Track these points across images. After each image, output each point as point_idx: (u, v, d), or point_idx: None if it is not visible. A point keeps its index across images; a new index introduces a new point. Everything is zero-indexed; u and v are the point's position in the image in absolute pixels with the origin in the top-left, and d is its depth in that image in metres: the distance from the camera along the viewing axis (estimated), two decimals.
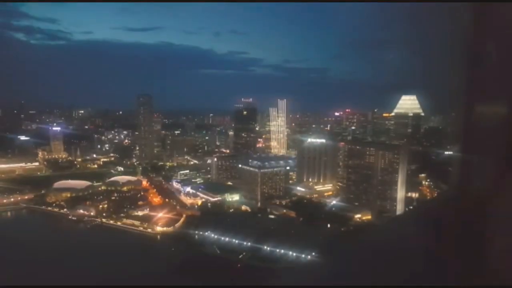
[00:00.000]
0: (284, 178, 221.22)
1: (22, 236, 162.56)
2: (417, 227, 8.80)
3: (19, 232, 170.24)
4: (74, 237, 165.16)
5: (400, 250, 7.33)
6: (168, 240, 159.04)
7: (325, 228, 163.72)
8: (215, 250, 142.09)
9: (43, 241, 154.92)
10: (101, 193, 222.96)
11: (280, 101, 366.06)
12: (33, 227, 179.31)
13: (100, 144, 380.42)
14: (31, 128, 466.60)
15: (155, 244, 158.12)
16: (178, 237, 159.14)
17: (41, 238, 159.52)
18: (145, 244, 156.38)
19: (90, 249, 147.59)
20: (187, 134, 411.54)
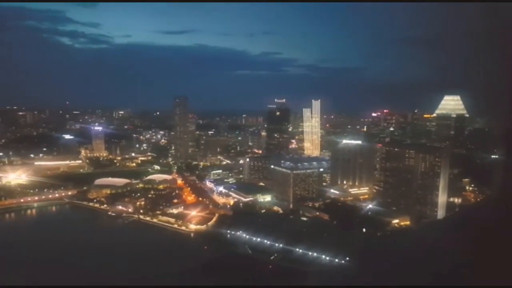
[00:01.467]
0: (317, 180, 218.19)
1: (65, 230, 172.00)
2: (457, 233, 8.19)
3: (62, 226, 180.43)
4: (113, 232, 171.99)
5: (437, 255, 6.84)
6: (201, 238, 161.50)
7: (360, 232, 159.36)
8: (247, 250, 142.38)
9: (84, 235, 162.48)
10: (139, 190, 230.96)
11: (314, 101, 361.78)
12: (75, 221, 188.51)
13: (138, 144, 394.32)
14: (74, 127, 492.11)
15: (188, 241, 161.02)
16: (211, 236, 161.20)
17: (82, 232, 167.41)
18: (179, 241, 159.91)
19: (127, 244, 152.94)
20: (220, 135, 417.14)
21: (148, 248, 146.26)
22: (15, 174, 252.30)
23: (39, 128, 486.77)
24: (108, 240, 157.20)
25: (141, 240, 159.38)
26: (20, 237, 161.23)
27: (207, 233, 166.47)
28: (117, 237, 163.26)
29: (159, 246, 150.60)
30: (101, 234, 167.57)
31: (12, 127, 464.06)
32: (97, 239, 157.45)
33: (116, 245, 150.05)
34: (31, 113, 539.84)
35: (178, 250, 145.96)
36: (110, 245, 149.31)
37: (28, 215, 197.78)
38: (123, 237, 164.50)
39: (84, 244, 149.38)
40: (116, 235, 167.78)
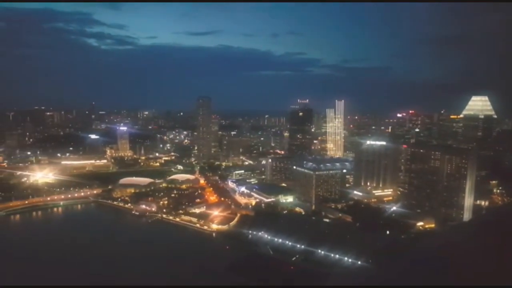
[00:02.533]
0: (340, 181, 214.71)
1: (89, 228, 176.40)
2: (484, 236, 7.07)
3: (87, 224, 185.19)
4: (137, 231, 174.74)
5: (462, 259, 5.80)
6: (223, 238, 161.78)
7: (384, 234, 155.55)
8: (269, 251, 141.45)
9: (108, 234, 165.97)
10: (162, 190, 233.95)
11: (337, 102, 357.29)
12: (100, 220, 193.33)
13: (162, 144, 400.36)
14: (100, 127, 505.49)
15: (210, 241, 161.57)
16: (233, 236, 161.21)
17: (106, 231, 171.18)
18: (201, 241, 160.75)
19: (150, 242, 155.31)
20: (242, 135, 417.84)
21: (170, 247, 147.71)
22: (42, 173, 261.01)
23: (66, 128, 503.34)
24: (131, 238, 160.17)
25: (164, 239, 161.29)
26: (46, 234, 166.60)
27: (229, 233, 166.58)
28: (141, 236, 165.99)
29: (182, 245, 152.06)
30: (125, 232, 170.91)
31: (40, 127, 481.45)
32: (121, 237, 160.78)
33: (139, 243, 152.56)
34: (58, 113, 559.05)
35: (200, 250, 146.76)
36: (133, 244, 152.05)
37: (55, 213, 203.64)
38: (146, 235, 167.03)
39: (108, 242, 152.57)
40: (139, 233, 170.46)
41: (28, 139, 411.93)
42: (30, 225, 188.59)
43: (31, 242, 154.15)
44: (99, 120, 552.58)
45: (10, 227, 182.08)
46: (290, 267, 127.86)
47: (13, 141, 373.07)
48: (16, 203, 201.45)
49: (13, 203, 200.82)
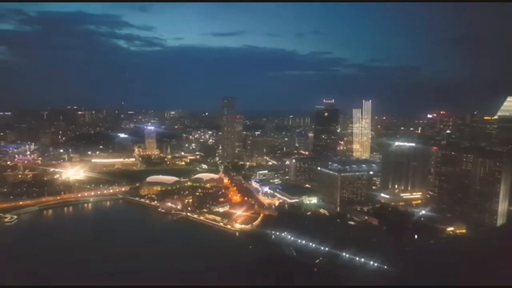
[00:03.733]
0: (366, 183, 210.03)
1: (117, 224, 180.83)
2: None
3: (115, 221, 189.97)
4: (162, 228, 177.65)
5: (492, 265, 4.92)
6: (246, 237, 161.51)
7: (412, 239, 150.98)
8: (292, 252, 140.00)
9: (135, 230, 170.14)
10: (187, 188, 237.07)
11: (365, 102, 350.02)
12: (127, 216, 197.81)
13: (187, 143, 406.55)
14: (129, 127, 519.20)
15: (233, 240, 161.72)
16: (256, 236, 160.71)
17: (133, 227, 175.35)
18: (225, 239, 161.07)
19: (175, 240, 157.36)
20: (267, 135, 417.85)
21: (194, 245, 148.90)
22: (74, 170, 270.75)
23: (97, 127, 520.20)
24: (157, 235, 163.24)
25: (188, 237, 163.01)
26: (76, 229, 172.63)
27: (252, 233, 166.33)
28: (166, 233, 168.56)
29: (205, 243, 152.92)
30: (151, 229, 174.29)
31: (72, 125, 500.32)
32: (147, 234, 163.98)
33: (164, 240, 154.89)
34: (89, 112, 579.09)
35: (224, 249, 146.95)
36: (158, 241, 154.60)
37: (85, 209, 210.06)
38: (171, 233, 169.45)
39: (134, 238, 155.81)
40: (165, 231, 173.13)
41: (61, 137, 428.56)
42: (61, 220, 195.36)
43: (61, 235, 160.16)
44: (128, 120, 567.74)
45: (42, 221, 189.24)
46: (314, 269, 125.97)
47: (47, 139, 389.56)
48: (49, 199, 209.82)
49: (46, 199, 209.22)
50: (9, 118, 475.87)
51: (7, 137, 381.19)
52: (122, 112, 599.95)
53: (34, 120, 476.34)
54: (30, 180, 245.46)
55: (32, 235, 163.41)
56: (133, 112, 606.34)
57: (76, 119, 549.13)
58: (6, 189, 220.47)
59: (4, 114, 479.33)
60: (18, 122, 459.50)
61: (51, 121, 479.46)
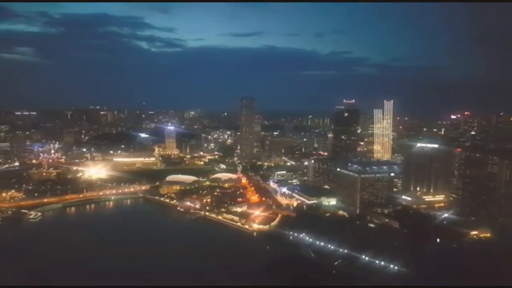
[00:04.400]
0: (387, 185, 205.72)
1: (137, 222, 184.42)
2: None
3: (135, 218, 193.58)
4: (181, 227, 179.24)
5: None
6: (263, 238, 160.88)
7: (434, 243, 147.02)
8: (310, 253, 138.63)
9: (154, 228, 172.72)
10: (206, 188, 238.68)
11: (386, 102, 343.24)
12: (147, 215, 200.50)
13: (206, 143, 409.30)
14: (149, 126, 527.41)
15: (251, 240, 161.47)
16: (273, 236, 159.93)
17: (153, 225, 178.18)
18: (242, 239, 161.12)
19: (193, 239, 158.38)
20: (285, 135, 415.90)
21: (212, 245, 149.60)
22: (96, 169, 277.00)
23: (118, 127, 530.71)
24: (175, 234, 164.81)
25: (206, 236, 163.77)
26: (98, 227, 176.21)
27: (270, 233, 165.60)
28: (184, 232, 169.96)
29: (223, 243, 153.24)
30: (170, 228, 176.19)
31: (95, 125, 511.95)
32: (166, 232, 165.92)
33: (182, 239, 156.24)
34: (111, 112, 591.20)
35: (241, 248, 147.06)
36: (177, 239, 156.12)
37: (106, 207, 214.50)
38: (189, 232, 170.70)
39: (154, 237, 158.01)
40: (183, 229, 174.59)
41: (84, 136, 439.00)
42: (83, 217, 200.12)
43: (83, 233, 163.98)
44: (149, 120, 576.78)
45: (65, 218, 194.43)
46: (332, 272, 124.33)
47: (70, 138, 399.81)
48: (72, 196, 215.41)
49: (69, 196, 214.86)
50: (34, 118, 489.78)
51: (33, 136, 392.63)
52: (143, 112, 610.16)
53: (58, 119, 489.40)
54: (54, 178, 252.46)
55: (55, 231, 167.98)
56: (153, 112, 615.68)
57: (99, 119, 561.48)
58: (31, 187, 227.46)
59: (29, 113, 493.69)
60: (43, 122, 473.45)
61: (74, 120, 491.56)
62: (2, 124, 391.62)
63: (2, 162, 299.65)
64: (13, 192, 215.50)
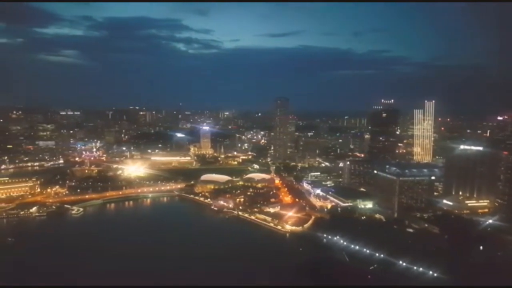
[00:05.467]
0: (427, 189, 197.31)
1: (173, 220, 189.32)
2: None
3: (172, 216, 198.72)
4: (215, 225, 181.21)
5: None
6: (296, 239, 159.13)
7: (477, 250, 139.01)
8: (344, 257, 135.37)
9: (189, 225, 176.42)
10: (239, 187, 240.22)
11: (427, 102, 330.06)
12: (183, 212, 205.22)
13: (240, 143, 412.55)
14: (186, 126, 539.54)
15: (284, 241, 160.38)
16: (306, 238, 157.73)
17: (188, 223, 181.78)
18: (275, 240, 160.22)
19: (227, 238, 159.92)
20: (320, 136, 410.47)
21: (245, 244, 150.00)
22: (135, 167, 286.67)
23: (156, 127, 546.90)
24: (209, 233, 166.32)
25: (239, 235, 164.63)
26: (136, 223, 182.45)
27: (303, 235, 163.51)
28: (217, 231, 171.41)
29: (256, 243, 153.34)
30: (204, 226, 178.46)
31: (134, 125, 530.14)
32: (200, 231, 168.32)
33: (215, 238, 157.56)
34: (150, 112, 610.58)
35: (274, 249, 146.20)
36: (210, 238, 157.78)
37: (144, 204, 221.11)
38: (222, 231, 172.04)
39: (188, 235, 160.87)
40: (216, 228, 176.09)
41: (124, 135, 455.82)
42: (122, 213, 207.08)
43: (122, 228, 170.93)
44: (185, 120, 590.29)
45: (105, 214, 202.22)
46: (367, 276, 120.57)
47: (111, 137, 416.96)
48: (112, 193, 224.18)
49: (109, 193, 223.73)
50: (78, 117, 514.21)
51: (76, 134, 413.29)
52: (180, 113, 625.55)
53: (100, 119, 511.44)
54: (95, 176, 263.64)
55: (96, 226, 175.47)
56: (189, 113, 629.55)
57: (138, 118, 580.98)
58: (74, 183, 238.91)
59: (73, 113, 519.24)
60: (86, 121, 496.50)
61: (115, 120, 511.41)
62: (48, 123, 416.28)
63: (48, 159, 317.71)
64: (57, 188, 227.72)
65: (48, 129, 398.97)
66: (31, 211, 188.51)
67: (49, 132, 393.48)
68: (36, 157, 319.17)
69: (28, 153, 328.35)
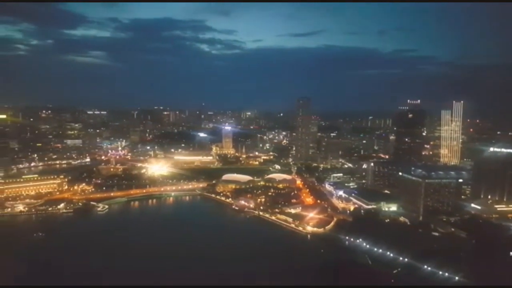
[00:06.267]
0: (454, 192, 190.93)
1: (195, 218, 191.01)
2: None
3: (194, 214, 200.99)
4: (235, 225, 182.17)
5: None
6: (317, 241, 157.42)
7: (506, 255, 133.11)
8: (367, 260, 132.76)
9: (211, 224, 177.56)
10: (260, 188, 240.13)
11: (455, 103, 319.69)
12: (204, 211, 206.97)
13: (261, 143, 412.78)
14: (208, 126, 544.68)
15: (305, 243, 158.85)
16: (328, 240, 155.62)
17: (209, 222, 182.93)
18: (296, 241, 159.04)
19: (247, 237, 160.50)
20: (343, 137, 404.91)
21: (267, 244, 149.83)
22: (158, 166, 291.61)
23: (179, 126, 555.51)
24: (230, 232, 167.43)
25: (260, 235, 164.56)
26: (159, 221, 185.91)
27: (325, 237, 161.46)
28: (238, 231, 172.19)
29: (277, 243, 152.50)
30: (225, 226, 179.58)
31: (158, 124, 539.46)
32: (221, 230, 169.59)
33: (236, 238, 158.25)
34: (173, 112, 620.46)
35: (295, 250, 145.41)
36: (232, 236, 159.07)
37: (167, 202, 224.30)
38: (243, 231, 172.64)
39: (209, 234, 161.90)
40: (237, 228, 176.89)
41: (148, 135, 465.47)
42: (146, 211, 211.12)
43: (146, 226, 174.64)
44: (208, 120, 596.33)
45: (129, 211, 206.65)
46: (391, 280, 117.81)
47: (136, 137, 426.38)
48: (136, 191, 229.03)
49: (134, 191, 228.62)
50: (104, 117, 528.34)
51: (103, 134, 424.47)
52: (203, 113, 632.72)
53: (125, 119, 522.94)
54: (120, 174, 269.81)
55: (120, 224, 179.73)
56: (212, 113, 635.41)
57: (162, 118, 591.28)
58: (100, 181, 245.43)
59: (100, 113, 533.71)
60: (112, 121, 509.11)
61: (140, 120, 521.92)
62: (76, 123, 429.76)
63: (75, 158, 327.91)
64: (84, 186, 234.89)
65: (75, 128, 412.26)
66: (59, 207, 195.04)
67: (76, 131, 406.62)
68: (64, 155, 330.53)
69: (56, 151, 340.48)
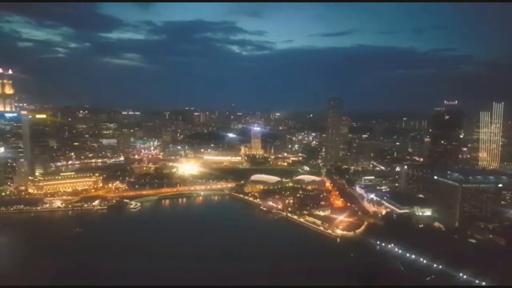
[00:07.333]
0: (493, 197, 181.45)
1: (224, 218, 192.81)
2: None
3: (222, 214, 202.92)
4: (263, 226, 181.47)
5: None
6: (347, 244, 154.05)
7: None
8: (399, 266, 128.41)
9: (239, 226, 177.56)
10: (288, 189, 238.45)
11: (495, 104, 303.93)
12: (233, 211, 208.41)
13: (290, 144, 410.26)
14: (237, 127, 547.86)
15: (334, 246, 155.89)
16: (358, 244, 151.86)
17: (237, 223, 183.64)
18: (325, 244, 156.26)
19: (276, 239, 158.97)
20: (375, 139, 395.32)
21: (293, 247, 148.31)
22: (188, 165, 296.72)
23: (209, 127, 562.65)
24: (258, 233, 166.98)
25: (287, 237, 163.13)
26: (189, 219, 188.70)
27: (355, 241, 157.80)
28: (266, 231, 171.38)
29: (305, 246, 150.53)
30: (253, 226, 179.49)
31: (189, 125, 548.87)
32: (249, 231, 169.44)
33: (264, 239, 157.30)
34: (204, 113, 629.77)
35: (323, 254, 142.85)
36: (260, 237, 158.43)
37: (196, 201, 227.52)
38: (271, 232, 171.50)
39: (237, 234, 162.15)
40: (265, 229, 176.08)
41: (179, 135, 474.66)
42: (176, 209, 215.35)
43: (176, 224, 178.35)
44: (237, 121, 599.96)
45: (160, 209, 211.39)
46: None
47: (167, 137, 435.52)
48: (167, 190, 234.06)
49: (165, 190, 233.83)
50: (138, 117, 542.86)
51: (136, 133, 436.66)
52: (232, 113, 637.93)
53: (158, 119, 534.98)
54: (152, 173, 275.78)
55: (152, 222, 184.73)
56: (241, 114, 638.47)
57: (193, 119, 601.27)
58: (133, 179, 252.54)
59: (134, 113, 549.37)
60: (145, 121, 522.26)
61: (171, 120, 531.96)
62: (111, 123, 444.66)
63: (110, 156, 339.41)
64: (118, 184, 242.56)
65: (111, 128, 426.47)
66: (94, 204, 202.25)
67: (111, 130, 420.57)
68: (100, 154, 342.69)
69: (92, 150, 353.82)
